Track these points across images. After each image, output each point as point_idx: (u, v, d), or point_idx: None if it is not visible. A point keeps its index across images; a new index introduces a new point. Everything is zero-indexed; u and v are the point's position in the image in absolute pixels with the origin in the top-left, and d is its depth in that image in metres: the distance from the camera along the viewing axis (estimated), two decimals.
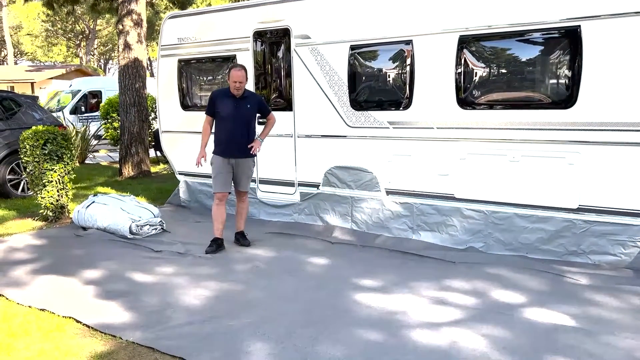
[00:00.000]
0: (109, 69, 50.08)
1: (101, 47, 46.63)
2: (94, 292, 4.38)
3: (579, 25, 4.56)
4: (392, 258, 5.19)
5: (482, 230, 5.27)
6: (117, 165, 11.19)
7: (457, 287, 4.35)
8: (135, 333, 3.60)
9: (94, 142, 14.01)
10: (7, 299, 4.29)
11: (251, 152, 5.42)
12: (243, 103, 5.37)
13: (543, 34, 4.78)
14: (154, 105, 11.72)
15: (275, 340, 3.46)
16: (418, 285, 4.40)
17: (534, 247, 5.02)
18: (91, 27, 40.60)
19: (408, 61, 5.47)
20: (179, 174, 7.61)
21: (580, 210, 4.79)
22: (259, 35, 6.52)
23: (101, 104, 15.16)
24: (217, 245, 5.46)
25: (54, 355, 3.34)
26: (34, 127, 6.73)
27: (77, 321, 3.81)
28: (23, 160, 6.81)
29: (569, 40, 4.65)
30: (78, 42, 43.80)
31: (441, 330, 3.55)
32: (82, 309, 4.01)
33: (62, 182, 6.77)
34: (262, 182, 6.74)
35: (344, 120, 5.95)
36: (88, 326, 3.73)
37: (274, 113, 5.73)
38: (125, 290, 4.40)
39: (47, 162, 6.58)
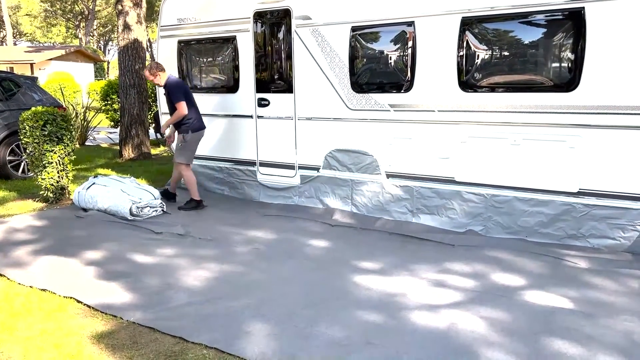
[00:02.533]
0: (108, 50, 49.77)
1: (100, 28, 46.29)
2: (95, 272, 4.40)
3: (583, 7, 4.51)
4: (391, 241, 5.20)
5: (481, 213, 5.28)
6: (117, 147, 11.18)
7: (457, 270, 4.37)
8: (135, 313, 3.62)
9: None
10: (8, 279, 4.32)
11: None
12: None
13: (546, 16, 4.73)
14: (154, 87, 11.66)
15: (275, 321, 3.48)
16: (417, 268, 4.42)
17: (534, 231, 5.03)
18: (90, 7, 40.22)
19: (410, 43, 5.42)
20: None
21: (580, 194, 4.79)
22: (259, 15, 6.45)
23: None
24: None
25: (55, 334, 3.37)
26: (33, 108, 6.69)
27: (78, 301, 3.84)
28: (23, 142, 6.79)
29: (572, 22, 4.60)
30: (77, 22, 43.46)
31: (440, 312, 3.57)
32: (83, 289, 4.03)
33: (63, 164, 6.76)
34: (263, 164, 6.73)
35: (345, 103, 5.91)
36: (89, 306, 3.76)
37: (275, 95, 5.69)
38: (126, 271, 4.42)
39: (47, 144, 6.56)
